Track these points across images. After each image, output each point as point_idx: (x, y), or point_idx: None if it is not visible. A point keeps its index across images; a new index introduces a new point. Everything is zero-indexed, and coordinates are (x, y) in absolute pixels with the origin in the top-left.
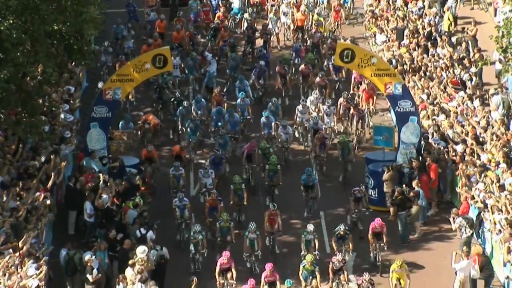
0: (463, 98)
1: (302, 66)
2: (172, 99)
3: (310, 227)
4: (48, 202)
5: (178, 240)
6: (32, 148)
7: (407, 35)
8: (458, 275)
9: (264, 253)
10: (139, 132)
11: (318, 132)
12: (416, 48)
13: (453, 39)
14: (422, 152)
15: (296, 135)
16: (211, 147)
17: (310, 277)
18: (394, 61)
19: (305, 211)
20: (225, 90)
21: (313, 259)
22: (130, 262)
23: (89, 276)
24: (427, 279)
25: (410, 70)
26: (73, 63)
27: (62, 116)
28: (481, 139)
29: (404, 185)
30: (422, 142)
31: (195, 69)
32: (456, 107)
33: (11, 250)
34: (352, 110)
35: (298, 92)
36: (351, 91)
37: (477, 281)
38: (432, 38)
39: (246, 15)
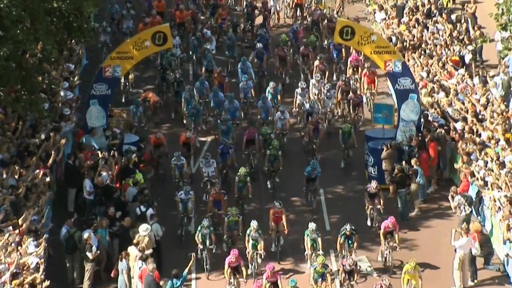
0: (463, 76)
1: (302, 47)
2: (173, 81)
3: (312, 225)
4: (48, 179)
5: (179, 235)
6: (32, 126)
7: (406, 13)
8: (457, 253)
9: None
10: None
11: (312, 116)
12: (416, 26)
13: (453, 16)
14: (421, 129)
15: (296, 119)
16: (214, 128)
17: (320, 279)
18: (394, 39)
19: (309, 203)
20: (226, 71)
21: (324, 261)
22: (135, 241)
23: (88, 254)
24: (426, 256)
25: (410, 48)
26: (73, 41)
27: (61, 93)
28: (480, 117)
29: (403, 162)
30: (422, 119)
31: (199, 49)
32: (456, 85)
33: (10, 228)
34: (350, 94)
35: (299, 72)
36: (348, 75)
37: (477, 258)
38: (432, 15)
39: None
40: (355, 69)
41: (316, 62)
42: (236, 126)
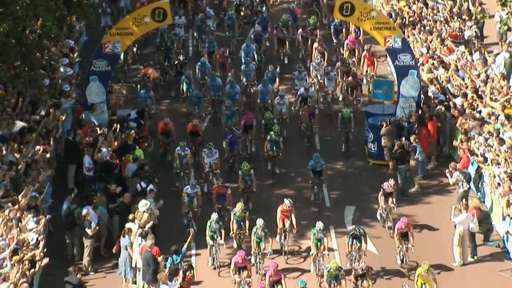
0: (463, 52)
1: (300, 29)
2: (176, 62)
3: (320, 224)
4: (48, 155)
5: (186, 224)
6: (32, 102)
7: None
8: (457, 229)
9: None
10: (138, 86)
11: (308, 101)
12: (416, 2)
13: None
14: (421, 105)
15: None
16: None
17: (334, 282)
18: (393, 15)
19: (311, 195)
20: (228, 52)
21: (338, 265)
22: (130, 216)
23: (87, 230)
24: (426, 232)
25: (410, 24)
26: (73, 17)
27: (61, 69)
28: (480, 93)
29: (403, 139)
30: (422, 95)
31: (203, 30)
32: (456, 61)
33: (10, 204)
34: (349, 78)
35: (297, 54)
36: (345, 57)
37: (476, 235)
38: None
39: None
40: (351, 52)
41: (315, 45)
42: (236, 111)
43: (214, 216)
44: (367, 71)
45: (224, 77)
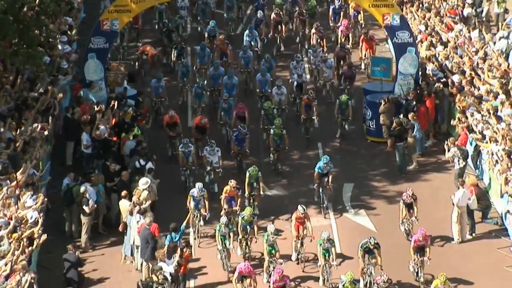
0: (461, 30)
1: (297, 13)
2: (174, 46)
3: (325, 234)
4: (46, 133)
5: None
6: (30, 79)
7: None
8: (455, 206)
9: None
10: (136, 63)
11: (302, 87)
12: None
13: None
14: (420, 83)
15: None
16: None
17: None
18: None
19: (316, 198)
20: (228, 31)
21: (353, 277)
22: (123, 193)
23: (85, 208)
24: (424, 210)
25: (408, 1)
26: None
27: (59, 47)
28: (479, 71)
29: (401, 116)
30: (420, 73)
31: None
32: (455, 38)
33: (8, 181)
34: (344, 67)
35: (294, 39)
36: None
37: (474, 212)
38: None
39: None
40: (346, 38)
41: (313, 30)
42: (233, 104)
43: (224, 219)
44: (365, 55)
45: (225, 65)
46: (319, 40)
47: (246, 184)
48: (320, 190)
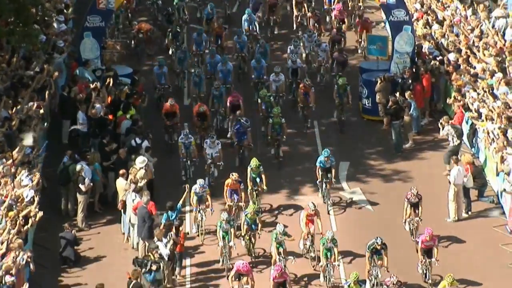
0: (457, 8)
1: None
2: (169, 30)
3: (329, 234)
4: (42, 111)
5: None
6: (25, 58)
7: None
8: (451, 184)
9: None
10: (132, 42)
11: (297, 73)
12: None
13: None
14: (416, 61)
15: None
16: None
17: None
18: None
19: (318, 194)
20: (224, 14)
21: (357, 277)
22: (121, 172)
23: (81, 186)
24: (420, 188)
25: None
26: None
27: (55, 25)
28: (475, 49)
29: (398, 94)
30: (416, 51)
31: None
32: (451, 17)
33: (4, 160)
34: (336, 53)
35: (289, 23)
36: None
37: (470, 190)
38: None
39: None
40: (340, 23)
41: (309, 14)
42: (226, 90)
43: (225, 215)
44: (361, 37)
45: (218, 48)
46: (315, 24)
47: (248, 179)
48: (323, 186)
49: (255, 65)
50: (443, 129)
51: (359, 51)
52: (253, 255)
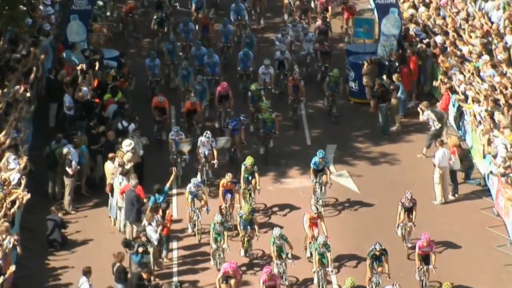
0: None
1: None
2: (155, 17)
3: (321, 239)
4: (28, 94)
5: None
6: (11, 40)
7: None
8: (437, 167)
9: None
10: (120, 25)
11: (286, 67)
12: None
13: None
14: (402, 43)
15: None
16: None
17: None
18: None
19: (312, 197)
20: (213, 11)
21: (353, 283)
22: (110, 155)
23: (68, 169)
24: (407, 171)
25: None
26: None
27: (41, 8)
28: (461, 32)
29: (384, 77)
30: (403, 33)
31: None
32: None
33: None
34: (317, 44)
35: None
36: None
37: (457, 172)
38: None
39: None
40: (325, 12)
41: (297, 3)
42: (215, 82)
43: (218, 217)
44: (347, 23)
45: (204, 39)
46: (302, 15)
47: (242, 178)
48: (317, 187)
49: (242, 57)
50: (423, 114)
51: (346, 39)
52: (250, 256)
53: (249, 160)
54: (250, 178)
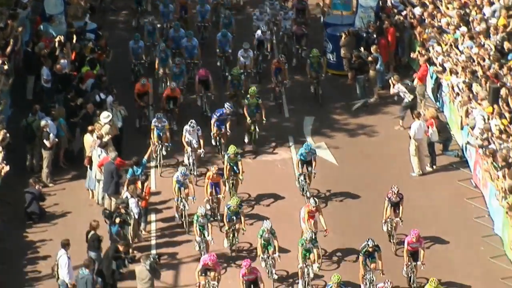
0: None
1: None
2: (136, 5)
3: (308, 235)
4: (6, 67)
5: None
6: None
7: None
8: (412, 139)
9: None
10: None
11: (265, 46)
12: None
13: None
14: (380, 15)
15: None
16: None
17: None
18: None
19: (298, 188)
20: None
21: (340, 280)
22: (90, 128)
23: (46, 142)
24: (384, 143)
25: None
26: None
27: None
28: (439, 3)
29: (362, 49)
30: (381, 5)
31: None
32: None
33: None
34: (294, 27)
35: None
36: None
37: (435, 144)
38: None
39: None
40: None
41: None
42: (194, 65)
43: (201, 210)
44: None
45: (181, 20)
46: None
47: (225, 168)
48: (302, 178)
49: (220, 38)
50: (393, 87)
51: (322, 19)
52: (234, 248)
53: (231, 149)
54: (234, 168)
